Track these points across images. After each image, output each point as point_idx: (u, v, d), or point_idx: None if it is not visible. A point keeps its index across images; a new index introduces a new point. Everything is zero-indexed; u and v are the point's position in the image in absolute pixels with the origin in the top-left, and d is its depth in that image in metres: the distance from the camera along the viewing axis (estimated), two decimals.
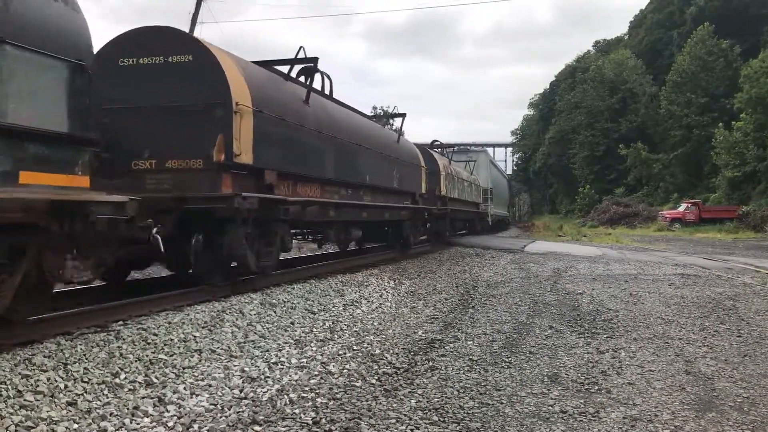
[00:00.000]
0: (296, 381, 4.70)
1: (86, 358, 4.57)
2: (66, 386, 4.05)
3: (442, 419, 4.00)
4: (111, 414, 3.78)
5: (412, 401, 4.32)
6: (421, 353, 5.67)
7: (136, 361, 4.70)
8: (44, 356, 4.48)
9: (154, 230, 6.01)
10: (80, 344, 4.85)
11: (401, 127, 16.79)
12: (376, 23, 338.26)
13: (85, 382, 4.17)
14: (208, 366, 4.87)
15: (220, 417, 3.91)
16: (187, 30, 11.82)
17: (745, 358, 5.71)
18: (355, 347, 5.83)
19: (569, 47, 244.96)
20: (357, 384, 4.70)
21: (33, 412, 3.63)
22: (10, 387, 3.87)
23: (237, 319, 6.35)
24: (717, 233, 35.19)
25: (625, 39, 77.46)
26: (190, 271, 8.16)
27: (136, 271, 9.06)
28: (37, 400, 3.78)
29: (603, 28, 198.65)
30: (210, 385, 4.44)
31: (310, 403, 4.21)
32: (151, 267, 9.33)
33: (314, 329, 6.46)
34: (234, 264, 8.00)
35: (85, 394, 3.99)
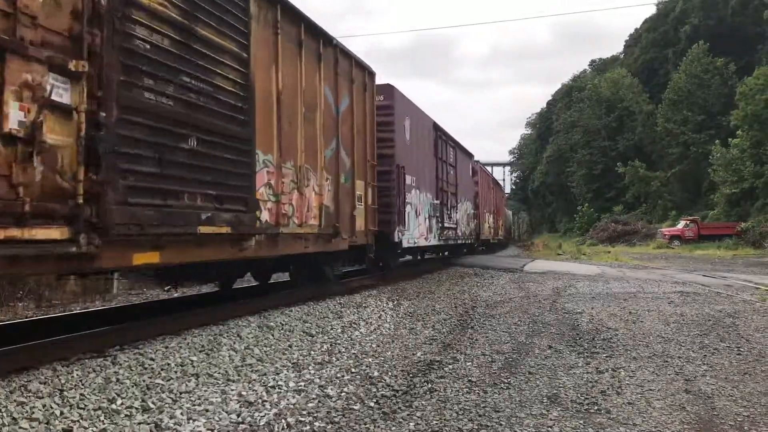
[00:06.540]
0: (294, 405, 4.67)
1: (82, 384, 4.55)
2: (62, 413, 4.02)
3: None
4: None
5: (411, 424, 4.29)
6: (419, 375, 5.64)
7: (132, 386, 4.68)
8: (40, 382, 4.46)
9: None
10: (76, 370, 4.83)
11: None
12: (375, 45, 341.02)
13: (81, 408, 4.14)
14: (206, 390, 4.84)
15: None
16: None
17: (746, 376, 5.68)
18: (353, 370, 5.79)
19: (568, 67, 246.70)
20: (355, 407, 4.67)
21: None
22: (5, 414, 3.85)
23: (234, 343, 6.33)
24: (716, 250, 35.21)
25: (621, 58, 78.16)
26: None
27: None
28: (33, 428, 3.76)
29: (600, 48, 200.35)
30: (207, 410, 4.41)
31: (308, 428, 4.18)
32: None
33: (312, 352, 6.43)
34: None
35: (81, 421, 3.96)
